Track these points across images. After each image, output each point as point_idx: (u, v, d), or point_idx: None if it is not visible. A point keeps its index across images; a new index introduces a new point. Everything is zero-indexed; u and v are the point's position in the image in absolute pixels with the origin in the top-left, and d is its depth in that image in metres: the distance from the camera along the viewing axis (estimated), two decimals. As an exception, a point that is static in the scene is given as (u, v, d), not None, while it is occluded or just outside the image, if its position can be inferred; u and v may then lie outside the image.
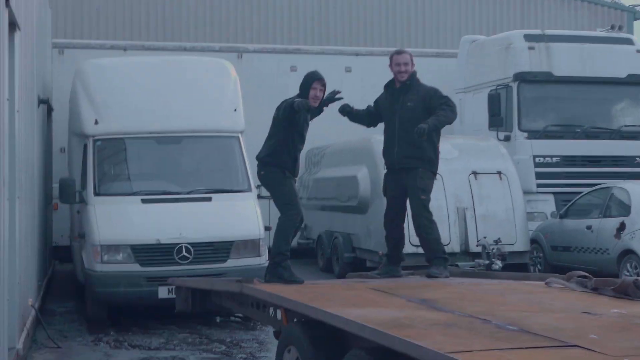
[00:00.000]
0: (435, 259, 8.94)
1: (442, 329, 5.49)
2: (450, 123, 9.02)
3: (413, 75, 9.14)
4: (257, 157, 9.15)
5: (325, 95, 8.86)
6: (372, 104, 9.52)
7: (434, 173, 9.10)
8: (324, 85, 8.91)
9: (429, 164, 8.98)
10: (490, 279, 9.21)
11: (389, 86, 9.31)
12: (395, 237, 9.27)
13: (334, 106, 9.24)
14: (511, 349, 4.83)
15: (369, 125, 9.69)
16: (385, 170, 9.36)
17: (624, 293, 7.00)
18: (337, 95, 8.80)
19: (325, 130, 19.07)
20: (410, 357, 4.96)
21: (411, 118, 8.88)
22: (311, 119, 9.03)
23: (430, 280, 8.62)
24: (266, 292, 7.59)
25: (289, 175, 8.95)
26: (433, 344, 4.83)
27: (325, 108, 9.01)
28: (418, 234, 9.10)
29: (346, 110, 9.29)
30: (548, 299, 7.10)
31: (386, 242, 9.44)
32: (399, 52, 9.32)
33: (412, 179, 8.91)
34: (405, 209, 9.18)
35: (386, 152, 9.23)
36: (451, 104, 9.00)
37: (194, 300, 9.65)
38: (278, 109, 8.92)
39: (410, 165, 8.94)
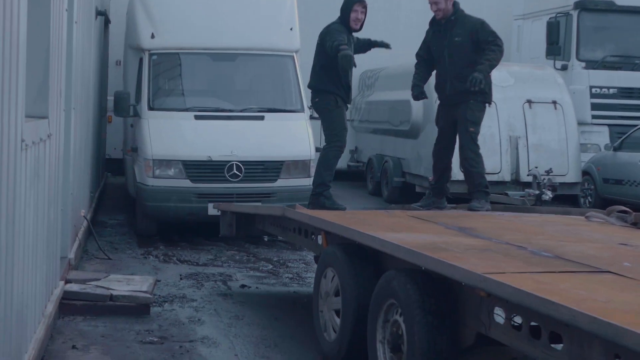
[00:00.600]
0: (477, 192, 8.88)
1: (477, 253, 5.55)
2: (496, 65, 8.80)
3: (456, 9, 8.94)
4: (309, 86, 9.24)
5: (377, 41, 9.09)
6: (414, 58, 9.34)
7: (485, 104, 8.99)
8: (364, 7, 8.98)
9: (482, 95, 8.85)
10: (532, 212, 9.17)
11: (434, 22, 9.15)
12: (441, 167, 9.25)
13: (386, 25, 9.20)
14: (543, 272, 4.90)
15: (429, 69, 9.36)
16: (438, 102, 9.31)
17: None
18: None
19: (380, 52, 18.94)
20: (446, 278, 5.11)
21: (460, 53, 8.80)
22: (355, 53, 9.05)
23: (471, 212, 8.62)
24: (307, 215, 7.70)
25: (342, 104, 9.07)
26: (466, 265, 4.92)
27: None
28: (463, 166, 9.05)
29: (423, 94, 9.18)
30: (586, 230, 7.11)
31: (433, 172, 9.44)
32: None
33: (463, 110, 8.81)
34: (454, 142, 9.11)
35: (438, 88, 9.14)
36: (499, 43, 8.79)
37: (238, 225, 9.82)
38: (321, 36, 8.93)
39: (462, 99, 8.84)
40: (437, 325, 5.28)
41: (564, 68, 17.04)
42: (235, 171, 11.72)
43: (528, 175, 14.35)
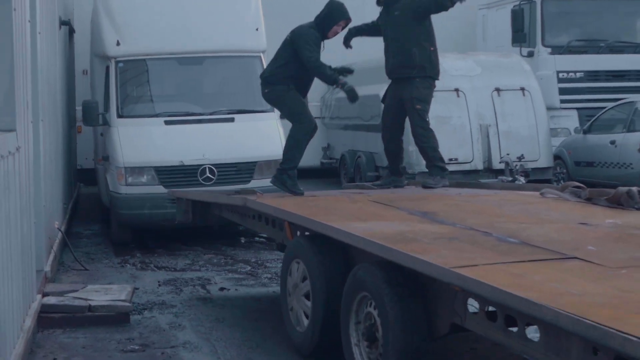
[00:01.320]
0: (433, 167, 8.99)
1: (446, 243, 5.60)
2: (446, 8, 8.94)
3: None
4: (261, 76, 9.19)
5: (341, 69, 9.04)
6: (382, 52, 9.43)
7: (432, 79, 9.05)
8: (347, 24, 9.03)
9: (424, 70, 8.93)
10: (486, 189, 9.28)
11: (378, 1, 9.29)
12: (392, 149, 9.33)
13: (353, 21, 9.24)
14: (514, 262, 4.95)
15: (373, 35, 9.55)
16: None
17: (617, 203, 7.15)
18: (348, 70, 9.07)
19: (347, 50, 18.93)
20: (417, 272, 5.14)
21: (400, 26, 8.94)
22: None
23: (428, 192, 8.66)
24: (271, 206, 7.63)
25: (293, 88, 8.93)
26: (439, 259, 4.97)
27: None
28: (416, 143, 9.18)
29: (351, 34, 9.31)
30: (544, 209, 7.22)
31: (385, 154, 9.53)
32: None
33: (409, 89, 8.92)
34: (401, 121, 9.21)
35: (385, 64, 9.23)
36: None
37: (194, 211, 9.83)
38: (293, 34, 8.88)
39: (406, 74, 8.94)
40: (411, 316, 5.37)
41: (530, 55, 17.13)
42: (208, 174, 11.69)
43: (500, 162, 14.43)
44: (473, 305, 4.97)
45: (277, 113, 12.32)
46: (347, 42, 9.36)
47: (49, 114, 9.96)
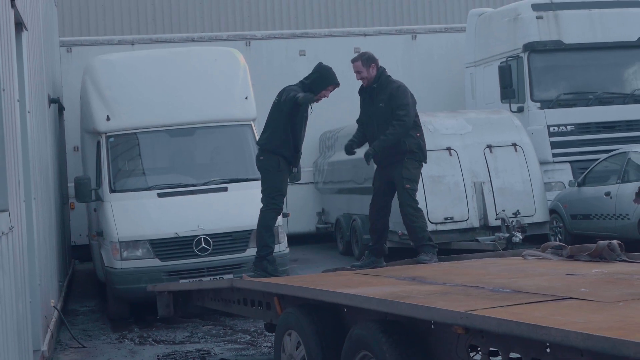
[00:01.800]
0: (423, 246, 9.07)
1: (440, 296, 5.81)
2: (399, 139, 9.05)
3: (380, 75, 9.28)
4: (258, 143, 9.48)
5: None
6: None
7: (420, 162, 9.24)
8: (336, 88, 9.35)
9: (414, 154, 9.14)
10: (467, 259, 9.33)
11: (362, 89, 9.46)
12: (379, 228, 9.44)
13: (344, 90, 9.38)
14: (512, 305, 5.11)
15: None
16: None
17: (599, 256, 7.41)
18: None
19: (338, 113, 19.07)
20: (414, 325, 5.45)
21: (386, 118, 9.12)
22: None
23: (415, 265, 8.78)
24: (260, 282, 7.82)
25: (284, 167, 9.28)
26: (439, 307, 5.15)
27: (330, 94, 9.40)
28: (405, 222, 9.23)
29: (353, 148, 9.47)
30: (529, 267, 7.45)
31: (370, 233, 9.65)
32: (352, 61, 9.45)
33: (398, 170, 9.09)
34: (389, 202, 9.38)
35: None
36: (403, 118, 9.05)
37: (175, 304, 9.88)
38: (280, 95, 9.05)
39: (394, 159, 9.12)
40: None
41: (520, 110, 17.16)
42: (203, 245, 11.63)
43: (496, 219, 14.36)
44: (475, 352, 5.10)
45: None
46: (347, 149, 9.46)
47: (41, 192, 9.92)
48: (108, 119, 12.62)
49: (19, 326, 6.87)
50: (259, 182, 12.13)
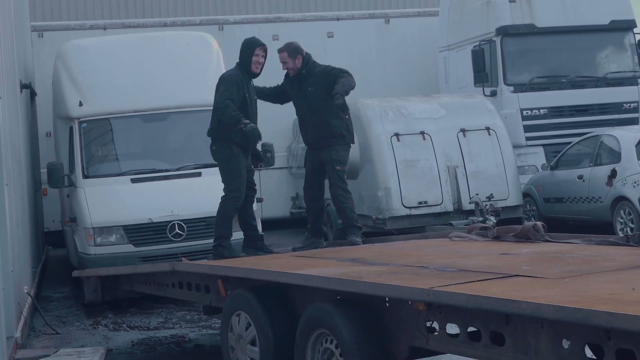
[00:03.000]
0: (351, 227, 9.32)
1: (391, 276, 5.89)
2: (353, 87, 9.27)
3: (305, 62, 9.43)
4: (208, 134, 9.44)
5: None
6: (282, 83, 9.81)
7: (348, 144, 9.50)
8: (265, 50, 9.36)
9: (344, 138, 9.39)
10: (395, 241, 9.62)
11: (288, 77, 9.64)
12: (316, 208, 9.69)
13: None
14: (467, 282, 5.24)
15: (275, 102, 10.03)
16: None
17: (525, 237, 7.63)
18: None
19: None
20: (369, 302, 5.67)
21: (316, 102, 9.32)
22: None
23: (348, 247, 8.92)
24: (206, 265, 8.02)
25: (238, 152, 9.18)
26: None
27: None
28: (334, 203, 9.52)
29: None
30: (462, 248, 7.60)
31: (307, 215, 9.91)
32: (278, 51, 9.59)
33: (328, 152, 9.35)
34: (323, 181, 9.61)
35: (302, 133, 9.73)
36: (348, 73, 9.30)
37: (103, 288, 10.18)
38: (217, 86, 9.09)
39: (325, 143, 9.35)
40: (370, 345, 5.69)
41: (494, 94, 17.21)
42: (177, 230, 11.59)
43: (470, 203, 14.41)
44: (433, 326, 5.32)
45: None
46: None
47: (13, 178, 9.86)
48: (80, 104, 12.55)
49: (-8, 313, 6.83)
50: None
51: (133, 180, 12.03)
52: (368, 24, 20.37)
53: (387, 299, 5.59)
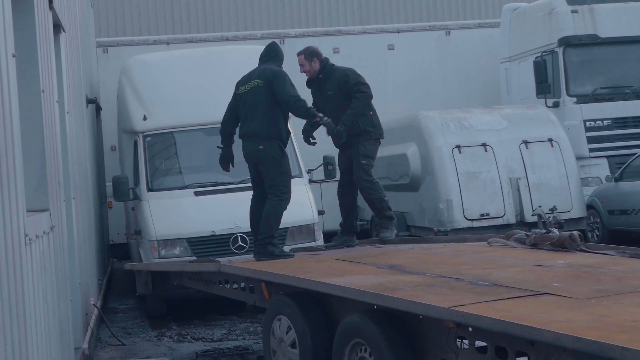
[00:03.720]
0: (384, 218, 9.55)
1: (427, 289, 6.12)
2: (365, 108, 9.49)
3: (324, 66, 9.68)
4: (250, 132, 9.24)
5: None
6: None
7: (376, 139, 9.67)
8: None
9: (370, 134, 9.56)
10: (435, 242, 9.95)
11: (309, 81, 9.87)
12: (347, 205, 9.79)
13: (375, 82, 9.42)
14: (495, 300, 5.43)
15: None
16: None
17: (561, 246, 7.81)
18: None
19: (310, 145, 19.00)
20: (402, 316, 5.83)
21: (336, 104, 9.48)
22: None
23: (385, 248, 9.21)
24: (250, 269, 8.19)
25: (285, 153, 9.29)
26: (428, 302, 5.50)
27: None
28: (363, 197, 9.65)
29: (309, 137, 9.73)
30: (499, 256, 7.73)
31: (340, 211, 9.94)
32: (297, 54, 9.94)
33: (355, 148, 9.49)
34: (353, 181, 9.71)
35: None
36: (363, 89, 9.48)
37: (154, 282, 10.48)
38: (272, 79, 9.05)
39: (351, 142, 9.50)
40: (404, 357, 5.89)
41: (556, 105, 17.07)
42: (240, 243, 11.68)
43: (532, 215, 14.30)
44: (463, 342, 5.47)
45: (306, 178, 12.36)
46: (309, 140, 9.73)
47: (80, 191, 10.03)
48: (145, 118, 12.74)
49: (61, 324, 6.96)
50: (295, 180, 12.15)
51: (196, 194, 12.15)
52: (429, 36, 20.33)
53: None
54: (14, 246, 4.71)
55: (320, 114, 9.16)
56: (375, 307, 6.11)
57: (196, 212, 11.96)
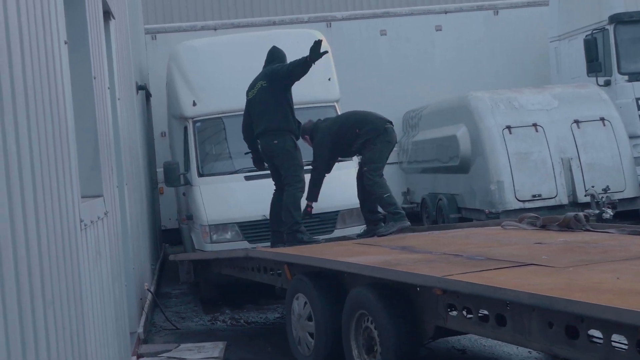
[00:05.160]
0: (389, 214, 10.47)
1: (425, 264, 6.77)
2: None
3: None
4: (263, 129, 10.36)
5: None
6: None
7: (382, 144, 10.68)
8: None
9: (372, 141, 10.61)
10: (455, 228, 10.67)
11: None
12: (367, 206, 10.80)
13: (422, 63, 9.42)
14: (482, 270, 6.05)
15: None
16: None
17: (567, 226, 8.35)
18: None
19: (419, 92, 18.92)
20: (402, 287, 6.54)
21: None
22: None
23: (404, 234, 10.05)
24: (272, 252, 9.11)
25: (297, 146, 10.16)
26: (422, 273, 6.19)
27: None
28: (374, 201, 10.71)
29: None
30: (505, 237, 8.46)
31: (361, 209, 10.97)
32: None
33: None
34: None
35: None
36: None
37: (195, 271, 11.32)
38: (266, 78, 9.71)
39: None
40: (402, 324, 6.59)
41: (607, 84, 16.85)
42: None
43: (585, 195, 14.16)
44: (453, 309, 6.14)
45: (355, 161, 12.34)
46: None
47: (132, 177, 10.11)
48: (194, 104, 12.78)
49: (116, 309, 7.02)
50: (345, 163, 12.25)
51: (247, 178, 12.17)
52: (476, 15, 20.19)
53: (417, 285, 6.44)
54: (69, 231, 4.76)
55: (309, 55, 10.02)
56: (380, 280, 6.75)
57: (247, 196, 11.99)
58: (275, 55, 10.59)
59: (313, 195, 10.72)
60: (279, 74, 10.19)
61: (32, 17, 4.14)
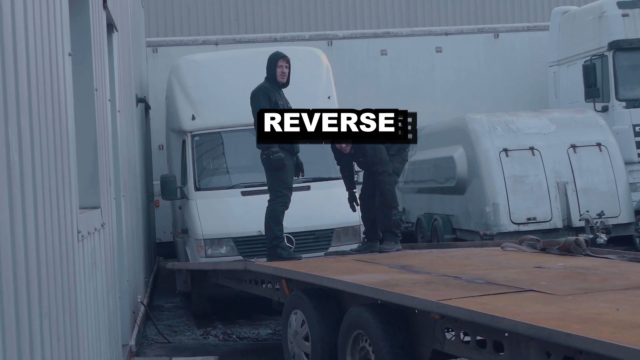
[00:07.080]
0: (387, 232, 10.23)
1: (424, 286, 6.75)
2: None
3: None
4: (257, 142, 10.25)
5: None
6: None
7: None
8: (287, 61, 10.24)
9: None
10: (454, 247, 10.54)
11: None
12: (370, 216, 10.46)
13: (423, 85, 9.47)
14: (481, 295, 6.04)
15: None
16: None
17: (567, 250, 8.29)
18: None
19: (418, 112, 18.88)
20: (400, 309, 6.43)
21: None
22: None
23: (404, 252, 9.96)
24: (271, 267, 8.95)
25: (288, 159, 10.10)
26: (420, 296, 6.13)
27: None
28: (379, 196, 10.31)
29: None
30: (505, 259, 8.38)
31: (363, 221, 10.72)
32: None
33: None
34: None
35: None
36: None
37: (192, 281, 11.36)
38: (251, 98, 10.34)
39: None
40: (399, 346, 6.51)
41: (605, 109, 16.93)
42: (286, 243, 11.70)
43: (580, 220, 14.19)
44: (450, 333, 6.05)
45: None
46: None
47: (129, 189, 10.13)
48: (193, 118, 12.82)
49: (110, 321, 7.04)
50: (342, 182, 12.28)
51: (243, 193, 12.20)
52: (477, 38, 20.29)
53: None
54: (67, 242, 4.79)
55: (276, 148, 9.94)
56: (379, 301, 6.66)
57: (243, 211, 12.01)
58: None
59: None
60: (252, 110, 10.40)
61: (38, 29, 4.18)
